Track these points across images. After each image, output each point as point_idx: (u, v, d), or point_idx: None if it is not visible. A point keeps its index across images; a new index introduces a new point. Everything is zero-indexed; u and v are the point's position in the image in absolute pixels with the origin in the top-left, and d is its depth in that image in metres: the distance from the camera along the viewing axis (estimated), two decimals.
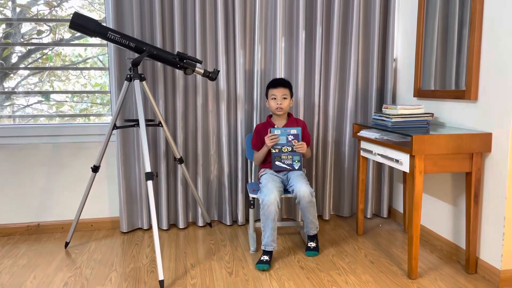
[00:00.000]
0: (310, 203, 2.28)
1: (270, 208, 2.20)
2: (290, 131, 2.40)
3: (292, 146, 2.41)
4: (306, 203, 2.27)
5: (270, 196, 2.21)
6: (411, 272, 2.09)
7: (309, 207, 2.29)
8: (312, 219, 2.34)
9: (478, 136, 2.02)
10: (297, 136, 2.40)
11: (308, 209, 2.30)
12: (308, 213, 2.31)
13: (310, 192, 2.26)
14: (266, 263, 2.22)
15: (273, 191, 2.24)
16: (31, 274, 2.19)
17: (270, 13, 2.78)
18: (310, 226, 2.37)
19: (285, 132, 2.40)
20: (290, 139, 2.41)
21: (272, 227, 2.24)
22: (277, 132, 2.40)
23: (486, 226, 2.09)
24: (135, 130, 2.72)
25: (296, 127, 2.41)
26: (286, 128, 2.41)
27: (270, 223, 2.23)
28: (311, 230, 2.39)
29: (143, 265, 2.28)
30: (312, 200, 2.28)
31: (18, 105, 2.82)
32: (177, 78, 2.69)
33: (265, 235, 2.26)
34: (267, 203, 2.20)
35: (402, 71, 2.86)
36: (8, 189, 2.72)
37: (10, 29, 2.74)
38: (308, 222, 2.35)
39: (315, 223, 2.37)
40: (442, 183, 2.43)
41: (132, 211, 2.79)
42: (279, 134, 2.40)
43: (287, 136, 2.40)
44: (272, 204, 2.20)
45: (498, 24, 1.98)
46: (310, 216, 2.32)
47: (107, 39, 2.20)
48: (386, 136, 2.32)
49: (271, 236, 2.25)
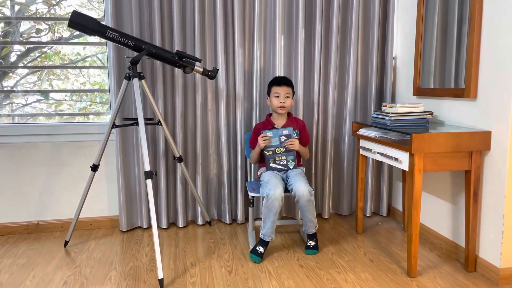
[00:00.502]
0: (309, 202, 2.28)
1: (275, 203, 2.23)
2: (282, 132, 2.39)
3: (285, 146, 2.41)
4: (305, 202, 2.27)
5: (276, 191, 2.23)
6: (411, 270, 2.09)
7: (307, 205, 2.29)
8: (311, 217, 2.34)
9: (478, 134, 2.02)
10: (289, 136, 2.39)
11: (307, 208, 2.30)
12: (307, 212, 2.31)
13: (309, 191, 2.26)
14: (259, 255, 2.27)
15: (278, 186, 2.27)
16: (30, 273, 2.19)
17: (269, 12, 2.77)
18: (309, 224, 2.37)
19: (277, 134, 2.40)
20: (283, 139, 2.40)
21: (273, 220, 2.27)
22: (269, 134, 2.40)
23: (485, 224, 2.09)
24: (134, 129, 2.72)
25: (288, 127, 2.40)
26: (278, 129, 2.41)
27: (272, 216, 2.26)
28: (310, 228, 2.39)
29: (143, 263, 2.29)
30: (311, 199, 2.28)
31: (17, 104, 2.82)
32: (176, 76, 2.69)
33: (265, 226, 2.30)
34: (272, 197, 2.22)
35: (402, 69, 2.86)
36: (7, 188, 2.72)
37: (8, 27, 2.74)
38: (307, 220, 2.36)
39: (314, 222, 2.37)
40: (442, 181, 2.43)
41: (132, 209, 2.79)
42: (271, 136, 2.39)
43: (279, 137, 2.40)
44: (277, 199, 2.23)
45: (498, 22, 1.98)
46: (309, 215, 2.33)
47: (106, 37, 2.20)
48: (385, 135, 2.32)
49: (271, 228, 2.30)
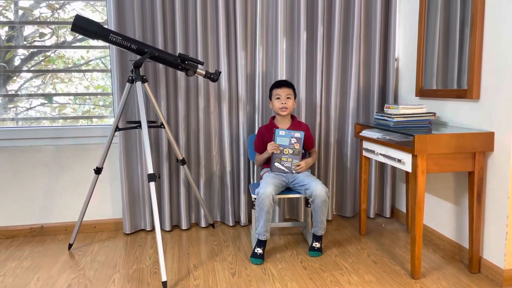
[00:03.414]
0: (324, 203, 2.30)
1: (265, 201, 2.24)
2: (294, 134, 2.41)
3: (294, 149, 2.42)
4: (320, 202, 2.28)
5: (266, 189, 2.25)
6: (414, 272, 2.09)
7: (322, 206, 2.30)
8: (323, 219, 2.36)
9: (481, 135, 2.02)
10: (300, 140, 2.41)
11: (321, 209, 2.31)
12: (320, 212, 2.32)
13: (325, 192, 2.28)
14: (259, 258, 2.29)
15: (269, 185, 2.28)
16: (34, 276, 2.20)
17: (271, 14, 2.78)
18: (320, 226, 2.38)
19: (289, 134, 2.41)
20: (293, 141, 2.41)
21: (266, 219, 2.28)
22: (282, 133, 2.41)
23: (489, 225, 2.08)
24: (137, 132, 2.73)
25: (300, 131, 2.42)
26: (291, 131, 2.42)
27: (264, 215, 2.27)
28: (320, 230, 2.39)
29: (146, 266, 2.29)
30: (326, 200, 2.30)
31: (21, 107, 2.84)
32: (178, 79, 2.70)
33: (258, 225, 2.32)
34: (262, 196, 2.25)
35: (404, 70, 2.86)
36: (11, 191, 2.73)
37: (12, 32, 2.76)
38: (319, 221, 2.36)
39: (324, 224, 2.38)
40: (445, 182, 2.43)
41: (135, 212, 2.80)
42: (283, 136, 2.41)
43: (290, 138, 2.41)
44: (267, 197, 2.24)
45: (500, 23, 1.97)
46: (322, 215, 2.33)
47: (109, 41, 2.21)
48: (388, 136, 2.32)
49: (264, 227, 2.30)
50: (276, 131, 2.43)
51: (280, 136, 2.42)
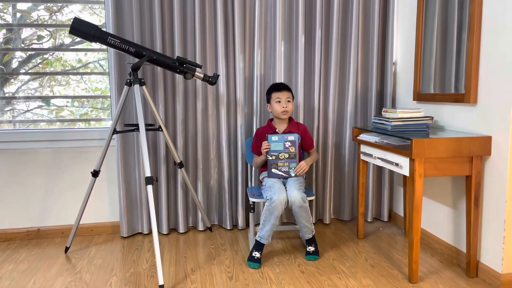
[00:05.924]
0: (301, 208, 2.28)
1: (278, 207, 2.24)
2: (287, 138, 2.39)
3: (290, 152, 2.41)
4: (296, 208, 2.28)
5: (280, 196, 2.24)
6: (412, 276, 2.09)
7: (300, 211, 2.30)
8: (305, 223, 2.34)
9: (478, 139, 2.02)
10: (294, 143, 2.39)
11: (299, 214, 2.31)
12: (300, 217, 2.32)
13: (301, 198, 2.26)
14: (257, 262, 2.28)
15: (282, 191, 2.28)
16: (31, 279, 2.19)
17: (269, 17, 2.79)
18: (304, 230, 2.38)
19: (282, 139, 2.39)
20: (288, 145, 2.40)
21: (273, 224, 2.28)
22: (275, 138, 2.40)
23: (487, 230, 2.09)
24: (135, 135, 2.73)
25: (294, 134, 2.41)
26: (284, 135, 2.41)
27: (272, 219, 2.27)
28: (306, 234, 2.39)
29: (143, 269, 2.28)
30: (303, 205, 2.28)
31: (19, 110, 2.83)
32: (177, 82, 2.70)
33: (263, 228, 2.30)
34: (276, 201, 2.23)
35: (402, 74, 2.87)
36: (8, 194, 2.72)
37: (10, 34, 2.75)
38: (302, 226, 2.36)
39: (309, 227, 2.37)
40: (442, 186, 2.43)
41: (132, 215, 2.79)
42: (276, 141, 2.40)
43: (284, 143, 2.39)
44: (281, 204, 2.24)
45: (497, 27, 1.98)
46: (302, 220, 2.33)
47: (107, 44, 2.21)
48: (386, 140, 2.32)
49: (270, 231, 2.30)
50: (268, 137, 2.40)
51: (274, 142, 2.40)
